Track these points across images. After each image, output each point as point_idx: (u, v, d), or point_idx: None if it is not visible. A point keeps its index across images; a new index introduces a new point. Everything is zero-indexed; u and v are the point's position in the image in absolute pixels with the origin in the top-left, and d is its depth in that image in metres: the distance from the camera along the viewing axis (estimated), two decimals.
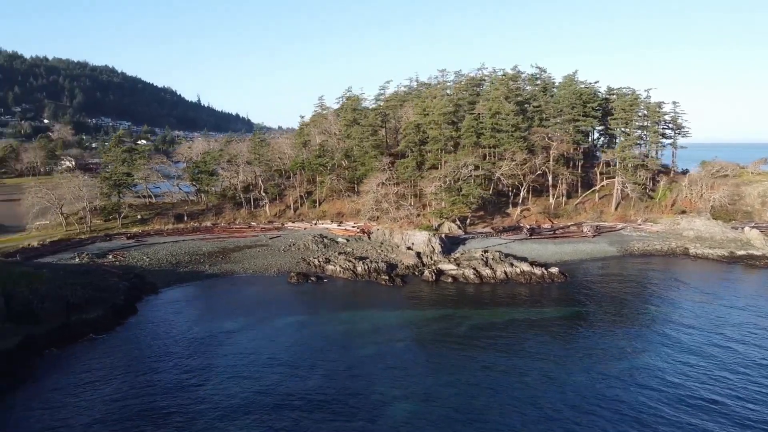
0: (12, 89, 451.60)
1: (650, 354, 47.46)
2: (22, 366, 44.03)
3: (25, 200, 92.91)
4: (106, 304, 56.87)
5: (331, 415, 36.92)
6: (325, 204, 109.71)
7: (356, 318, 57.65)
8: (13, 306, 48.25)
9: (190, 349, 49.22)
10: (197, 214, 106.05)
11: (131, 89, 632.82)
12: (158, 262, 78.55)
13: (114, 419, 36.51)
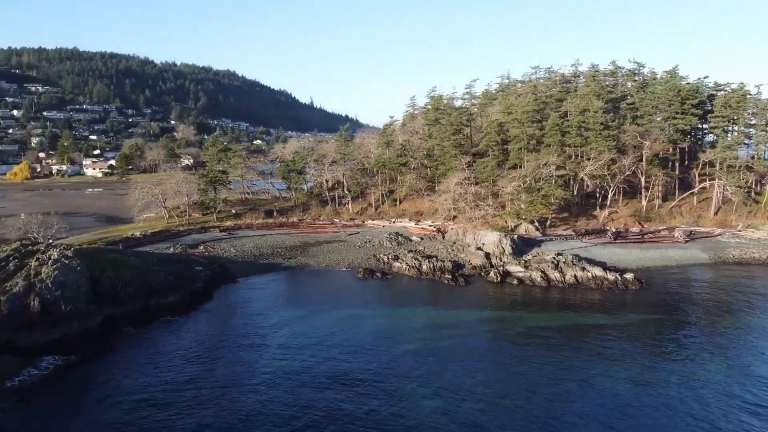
0: (143, 92, 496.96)
1: (718, 368, 44.20)
2: (102, 342, 49.77)
3: (131, 195, 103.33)
4: (184, 290, 62.35)
5: (362, 397, 38.44)
6: (406, 203, 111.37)
7: (410, 314, 58.70)
8: (98, 289, 54.52)
9: (250, 335, 52.81)
10: (286, 210, 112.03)
11: (250, 92, 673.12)
12: (243, 254, 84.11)
13: (166, 396, 40.35)
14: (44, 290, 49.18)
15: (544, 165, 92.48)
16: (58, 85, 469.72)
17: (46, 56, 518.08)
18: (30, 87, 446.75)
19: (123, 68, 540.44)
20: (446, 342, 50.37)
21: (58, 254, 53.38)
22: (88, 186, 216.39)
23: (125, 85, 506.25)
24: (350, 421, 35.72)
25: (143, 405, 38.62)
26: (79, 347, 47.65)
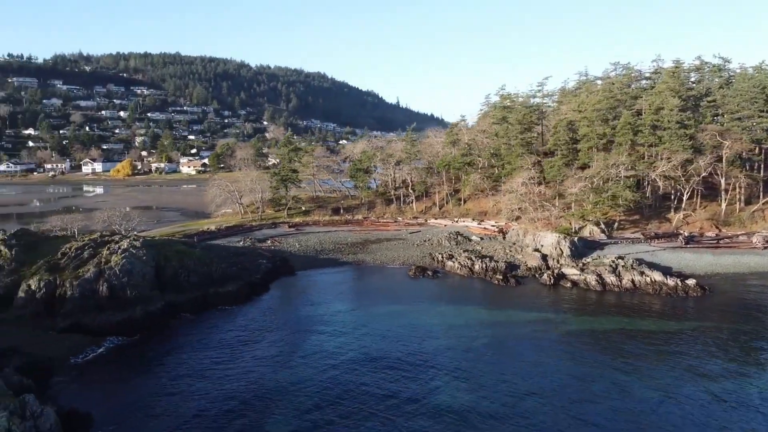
0: (239, 95, 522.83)
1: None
2: (162, 326, 54.47)
3: (209, 192, 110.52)
4: (242, 281, 66.45)
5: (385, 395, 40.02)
6: (470, 202, 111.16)
7: (452, 311, 59.21)
8: (162, 277, 59.54)
9: (297, 323, 55.69)
10: (352, 208, 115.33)
11: (338, 93, 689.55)
12: (305, 249, 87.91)
13: (212, 373, 43.84)
14: (112, 277, 54.49)
15: (613, 165, 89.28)
16: (162, 87, 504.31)
17: (151, 61, 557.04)
18: (136, 90, 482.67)
19: (221, 71, 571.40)
20: (482, 340, 50.56)
21: (128, 245, 58.86)
22: (183, 183, 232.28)
23: (222, 87, 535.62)
24: (369, 398, 38.27)
25: (189, 380, 42.31)
26: (141, 329, 52.44)
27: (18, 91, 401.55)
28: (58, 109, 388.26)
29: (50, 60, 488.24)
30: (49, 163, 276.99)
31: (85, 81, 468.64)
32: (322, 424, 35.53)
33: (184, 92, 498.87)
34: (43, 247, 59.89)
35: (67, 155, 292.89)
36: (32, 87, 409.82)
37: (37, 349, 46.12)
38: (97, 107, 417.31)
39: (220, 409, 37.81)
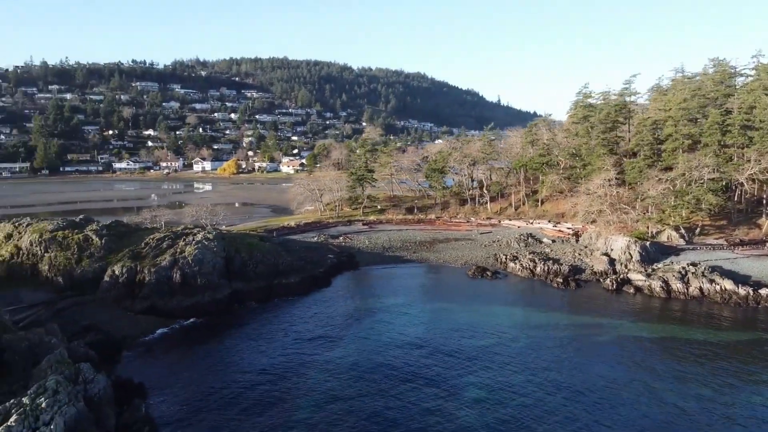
0: (340, 97, 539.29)
1: None
2: (227, 311, 59.60)
3: (291, 190, 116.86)
4: (306, 274, 70.64)
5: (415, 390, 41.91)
6: (548, 204, 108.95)
7: (499, 312, 59.53)
8: (231, 267, 64.90)
9: (348, 316, 58.61)
10: (426, 207, 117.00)
11: (437, 93, 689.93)
12: (374, 246, 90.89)
13: (261, 354, 47.98)
14: (185, 265, 60.40)
15: (696, 167, 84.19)
16: (270, 91, 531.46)
17: (261, 65, 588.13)
18: (246, 93, 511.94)
19: (324, 74, 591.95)
20: (520, 341, 50.75)
21: (202, 237, 64.81)
22: (282, 181, 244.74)
23: (325, 90, 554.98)
24: (392, 380, 39.99)
25: (243, 362, 46.60)
26: (207, 314, 57.85)
27: (141, 94, 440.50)
28: (176, 112, 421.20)
29: (170, 66, 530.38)
30: (165, 161, 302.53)
31: (200, 85, 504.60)
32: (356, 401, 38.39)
33: (290, 95, 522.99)
34: (130, 238, 67.30)
35: (181, 154, 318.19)
36: (153, 91, 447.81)
37: (114, 328, 52.50)
38: (210, 110, 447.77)
39: (268, 389, 41.15)
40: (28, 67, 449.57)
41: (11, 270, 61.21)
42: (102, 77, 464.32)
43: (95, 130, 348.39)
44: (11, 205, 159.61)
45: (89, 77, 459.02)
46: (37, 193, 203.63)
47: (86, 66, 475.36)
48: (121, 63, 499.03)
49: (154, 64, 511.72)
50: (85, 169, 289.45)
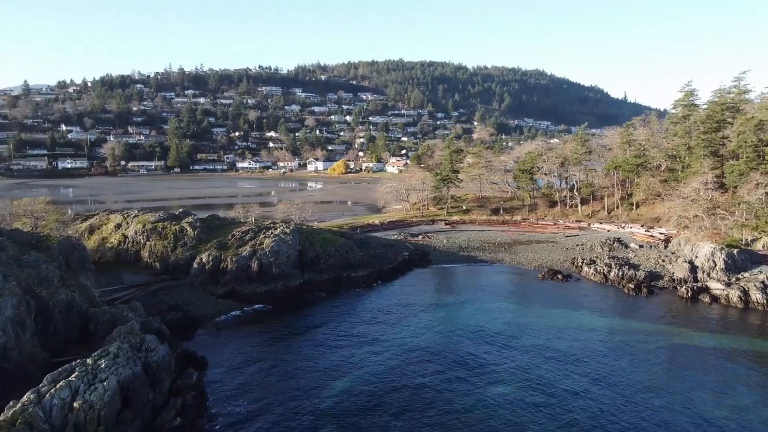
0: (453, 97, 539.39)
1: None
2: (298, 299, 64.73)
3: (378, 190, 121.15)
4: (374, 268, 74.40)
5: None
6: (642, 207, 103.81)
7: (554, 314, 58.95)
8: (304, 259, 70.15)
9: (404, 308, 61.04)
10: (513, 208, 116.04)
11: (556, 90, 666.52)
12: (451, 245, 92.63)
13: (325, 340, 52.28)
14: (263, 256, 66.40)
15: None
16: (384, 93, 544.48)
17: (377, 68, 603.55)
18: (362, 95, 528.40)
19: (438, 75, 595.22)
20: (565, 344, 50.42)
21: (280, 231, 70.69)
22: (385, 181, 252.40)
23: (438, 90, 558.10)
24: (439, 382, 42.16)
25: (306, 346, 50.44)
26: (279, 300, 63.26)
27: (265, 98, 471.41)
28: (296, 114, 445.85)
29: (293, 71, 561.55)
30: (282, 161, 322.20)
31: (320, 89, 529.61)
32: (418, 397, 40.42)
33: (403, 96, 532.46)
34: (221, 230, 74.83)
35: (298, 155, 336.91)
36: (277, 95, 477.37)
37: (196, 308, 59.34)
38: (327, 112, 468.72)
39: (323, 376, 43.99)
40: (167, 74, 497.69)
41: (119, 255, 70.91)
42: (231, 82, 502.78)
43: (223, 132, 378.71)
44: (148, 198, 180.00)
45: (220, 82, 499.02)
46: (169, 189, 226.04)
47: (218, 72, 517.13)
48: (249, 69, 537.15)
49: (278, 70, 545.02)
50: (211, 167, 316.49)
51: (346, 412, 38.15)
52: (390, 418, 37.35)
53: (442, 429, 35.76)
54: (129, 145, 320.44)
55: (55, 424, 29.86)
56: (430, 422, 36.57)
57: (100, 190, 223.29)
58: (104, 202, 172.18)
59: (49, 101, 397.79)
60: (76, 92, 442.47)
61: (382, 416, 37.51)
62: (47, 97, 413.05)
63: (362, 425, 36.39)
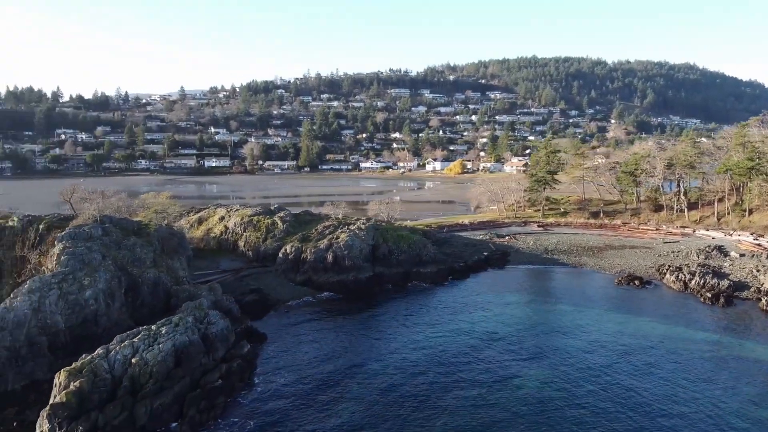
0: (589, 93, 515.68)
1: None
2: (366, 290, 69.71)
3: (472, 190, 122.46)
4: (444, 266, 77.22)
5: None
6: (756, 214, 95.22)
7: (617, 319, 57.97)
8: (376, 253, 74.95)
9: (463, 305, 63.29)
10: (616, 212, 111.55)
11: (707, 85, 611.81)
12: (535, 248, 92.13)
13: (383, 329, 57.02)
14: (337, 249, 72.31)
15: None
16: (514, 91, 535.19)
17: (507, 66, 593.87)
18: (490, 95, 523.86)
19: (573, 71, 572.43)
20: (614, 347, 50.01)
21: (356, 227, 76.26)
22: (481, 182, 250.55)
23: (572, 87, 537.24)
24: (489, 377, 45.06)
25: (365, 334, 54.66)
26: (349, 290, 68.69)
27: (393, 100, 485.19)
28: (422, 115, 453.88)
29: (422, 72, 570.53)
30: (403, 161, 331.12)
31: (447, 89, 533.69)
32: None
33: (533, 94, 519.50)
34: (309, 225, 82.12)
35: (419, 155, 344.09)
36: (404, 96, 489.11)
37: (274, 292, 66.61)
38: (453, 112, 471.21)
39: (369, 363, 47.27)
40: (305, 79, 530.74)
41: (220, 243, 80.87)
42: (363, 86, 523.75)
43: (351, 134, 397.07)
44: (279, 195, 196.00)
45: (353, 86, 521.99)
46: (298, 186, 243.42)
47: (351, 76, 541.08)
48: (380, 72, 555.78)
49: (407, 72, 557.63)
50: (337, 167, 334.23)
51: (375, 401, 40.19)
52: (415, 410, 38.86)
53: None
54: (266, 146, 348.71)
55: (115, 375, 37.36)
56: (464, 423, 37.31)
57: (239, 186, 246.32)
58: (244, 197, 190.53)
59: (202, 105, 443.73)
60: (225, 97, 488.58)
61: (421, 410, 38.94)
62: (200, 102, 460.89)
63: (385, 414, 38.36)
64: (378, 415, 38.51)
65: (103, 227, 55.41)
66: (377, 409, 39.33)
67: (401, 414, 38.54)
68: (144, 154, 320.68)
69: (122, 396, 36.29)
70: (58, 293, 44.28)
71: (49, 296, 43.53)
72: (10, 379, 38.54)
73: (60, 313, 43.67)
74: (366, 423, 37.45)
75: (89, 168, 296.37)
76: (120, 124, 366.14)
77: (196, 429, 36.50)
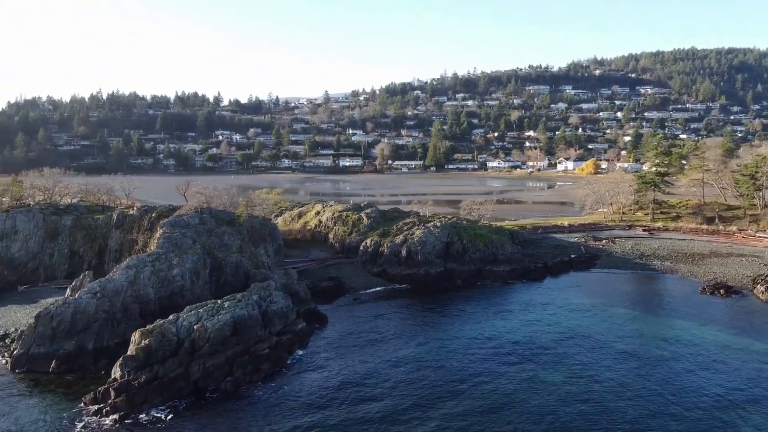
0: (754, 87, 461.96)
1: None
2: (434, 284, 73.28)
3: (578, 192, 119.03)
4: (519, 266, 78.15)
5: None
6: None
7: (683, 326, 55.94)
8: (450, 250, 78.03)
9: (530, 306, 63.80)
10: (734, 218, 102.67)
11: None
12: (630, 252, 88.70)
13: (442, 332, 61.02)
14: (411, 244, 76.76)
15: None
16: (667, 85, 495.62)
17: (661, 59, 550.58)
18: (640, 89, 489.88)
19: (737, 63, 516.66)
20: (672, 354, 48.80)
21: (431, 225, 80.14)
22: (586, 183, 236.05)
23: (735, 80, 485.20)
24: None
25: (418, 326, 58.21)
26: (418, 283, 72.90)
27: (531, 97, 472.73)
28: (561, 113, 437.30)
29: (564, 68, 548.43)
30: (533, 161, 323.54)
31: (592, 84, 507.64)
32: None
33: (690, 89, 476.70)
34: (392, 221, 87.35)
35: (552, 154, 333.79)
36: (544, 93, 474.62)
37: (349, 281, 72.84)
38: (596, 109, 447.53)
39: (422, 356, 48.55)
40: (442, 79, 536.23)
41: (314, 236, 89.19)
42: (500, 84, 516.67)
43: (481, 133, 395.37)
44: (405, 193, 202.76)
45: (489, 84, 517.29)
46: (422, 186, 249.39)
47: (488, 74, 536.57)
48: (519, 69, 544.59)
49: (548, 68, 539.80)
50: (463, 167, 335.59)
51: (408, 388, 42.28)
52: (443, 407, 39.58)
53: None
54: (396, 146, 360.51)
55: (180, 337, 45.48)
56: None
57: (369, 185, 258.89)
58: (374, 195, 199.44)
59: (343, 108, 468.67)
60: (365, 99, 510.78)
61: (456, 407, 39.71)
62: (342, 104, 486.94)
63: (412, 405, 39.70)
64: (407, 404, 39.96)
65: (201, 217, 65.43)
66: (407, 396, 41.10)
67: (424, 406, 39.66)
68: (287, 154, 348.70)
69: (182, 355, 44.26)
70: (151, 270, 54.14)
71: (144, 272, 53.46)
72: (105, 336, 48.40)
73: (151, 286, 53.43)
74: (394, 410, 39.02)
75: (240, 166, 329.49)
76: (269, 126, 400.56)
77: (239, 388, 43.23)
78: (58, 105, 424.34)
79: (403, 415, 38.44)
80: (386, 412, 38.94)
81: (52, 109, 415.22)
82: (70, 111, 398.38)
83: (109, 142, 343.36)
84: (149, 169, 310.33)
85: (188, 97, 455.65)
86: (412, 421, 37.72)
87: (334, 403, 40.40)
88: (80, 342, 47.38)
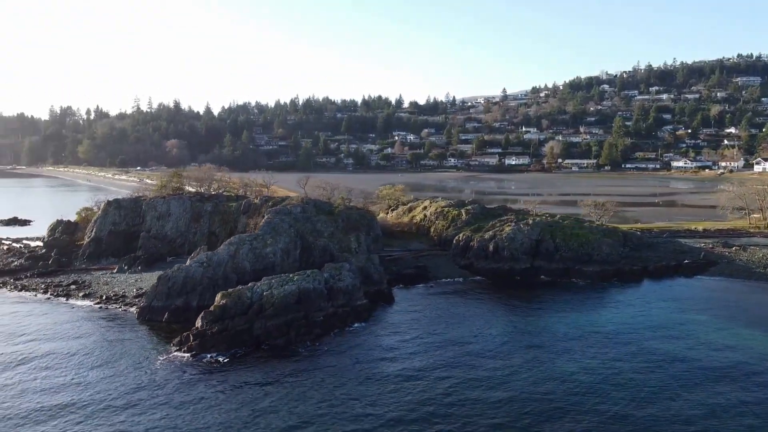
0: None
1: None
2: (517, 280, 75.80)
3: (721, 196, 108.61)
4: (612, 267, 76.47)
5: None
6: None
7: (749, 334, 52.80)
8: (539, 247, 78.70)
9: (598, 307, 64.15)
10: None
11: None
12: (755, 262, 79.69)
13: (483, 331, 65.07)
14: (499, 240, 79.85)
15: None
16: None
17: None
18: None
19: None
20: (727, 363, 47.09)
21: (523, 222, 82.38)
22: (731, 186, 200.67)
23: None
24: None
25: (487, 316, 60.95)
26: (500, 277, 76.19)
27: (739, 90, 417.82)
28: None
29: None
30: (728, 161, 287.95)
31: None
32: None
33: None
34: (492, 218, 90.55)
35: (752, 154, 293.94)
36: (753, 85, 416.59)
37: (435, 271, 78.44)
38: None
39: (477, 348, 49.56)
40: (634, 72, 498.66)
41: (418, 228, 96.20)
42: (702, 75, 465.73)
43: (670, 130, 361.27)
44: (572, 193, 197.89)
45: (689, 76, 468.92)
46: (592, 186, 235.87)
47: (688, 65, 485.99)
48: (724, 59, 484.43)
49: (760, 57, 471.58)
50: (642, 166, 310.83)
51: (451, 380, 42.68)
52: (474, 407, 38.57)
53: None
54: (568, 143, 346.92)
55: (252, 301, 56.35)
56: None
57: (536, 184, 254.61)
58: (542, 194, 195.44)
59: (520, 106, 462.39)
60: (546, 96, 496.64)
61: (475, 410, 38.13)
62: (520, 102, 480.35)
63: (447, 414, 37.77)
64: (438, 388, 41.29)
65: (303, 207, 77.00)
66: (439, 378, 42.76)
67: (455, 401, 39.62)
68: (455, 153, 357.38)
69: (250, 314, 55.16)
70: (249, 247, 66.53)
71: (243, 248, 66.02)
72: (207, 297, 61.19)
73: (248, 261, 65.68)
74: (431, 402, 39.40)
75: (409, 164, 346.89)
76: (443, 126, 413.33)
77: (291, 345, 52.75)
78: (264, 109, 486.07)
79: (428, 396, 40.26)
80: (406, 392, 41.07)
81: (257, 113, 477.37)
82: (272, 115, 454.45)
83: (301, 142, 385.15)
84: (331, 167, 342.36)
85: (373, 101, 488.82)
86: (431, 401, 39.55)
87: (367, 371, 45.44)
88: (187, 300, 60.91)
